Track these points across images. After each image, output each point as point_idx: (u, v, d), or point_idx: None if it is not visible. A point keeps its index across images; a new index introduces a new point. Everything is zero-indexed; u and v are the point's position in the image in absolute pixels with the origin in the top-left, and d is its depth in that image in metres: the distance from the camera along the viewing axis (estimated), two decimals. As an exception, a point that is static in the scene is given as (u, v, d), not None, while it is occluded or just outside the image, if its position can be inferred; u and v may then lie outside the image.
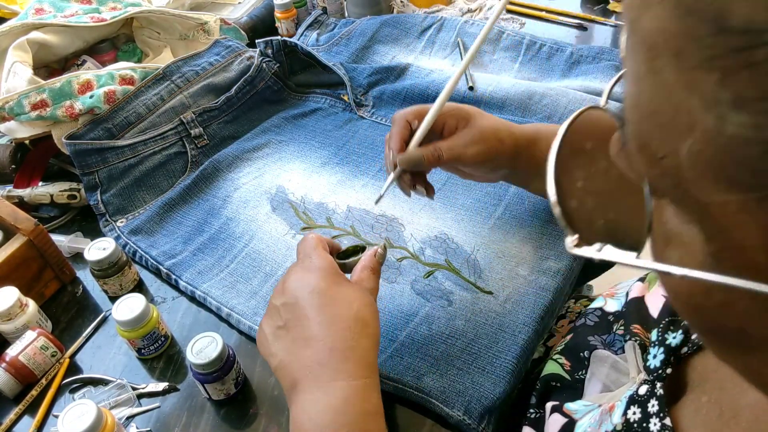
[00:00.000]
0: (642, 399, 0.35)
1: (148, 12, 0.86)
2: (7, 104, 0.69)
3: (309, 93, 0.86)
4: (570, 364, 0.44)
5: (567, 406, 0.40)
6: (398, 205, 0.68)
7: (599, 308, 0.47)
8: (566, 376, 0.43)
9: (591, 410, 0.38)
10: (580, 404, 0.39)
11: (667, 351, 0.36)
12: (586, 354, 0.43)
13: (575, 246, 0.21)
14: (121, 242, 0.67)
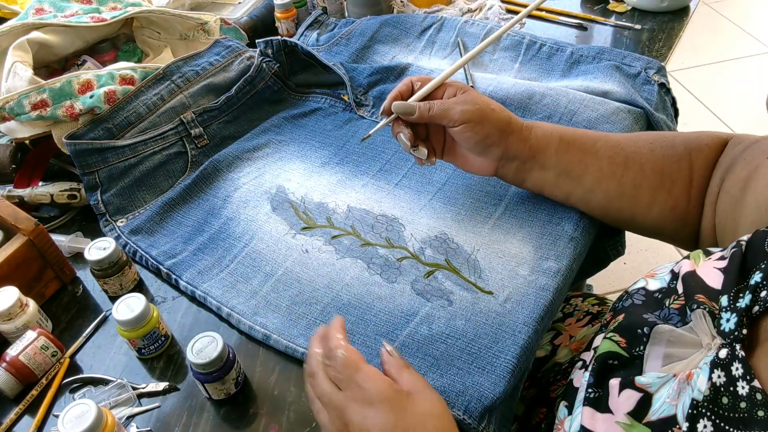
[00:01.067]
0: (724, 362, 0.35)
1: (149, 12, 0.86)
2: (8, 104, 0.69)
3: (309, 93, 0.86)
4: (625, 341, 0.43)
5: (639, 380, 0.39)
6: (398, 205, 0.68)
7: (642, 288, 0.47)
8: (623, 353, 0.42)
9: (666, 381, 0.38)
10: (653, 376, 0.39)
11: (739, 314, 0.36)
12: (643, 330, 0.42)
13: None
14: (121, 242, 0.67)
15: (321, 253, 0.63)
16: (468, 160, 0.63)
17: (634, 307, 0.45)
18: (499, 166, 0.62)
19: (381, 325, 0.56)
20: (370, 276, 0.60)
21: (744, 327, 0.36)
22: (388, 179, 0.72)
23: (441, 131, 0.63)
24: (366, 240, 0.64)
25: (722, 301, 0.39)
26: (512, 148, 0.59)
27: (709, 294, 0.40)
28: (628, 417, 0.38)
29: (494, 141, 0.59)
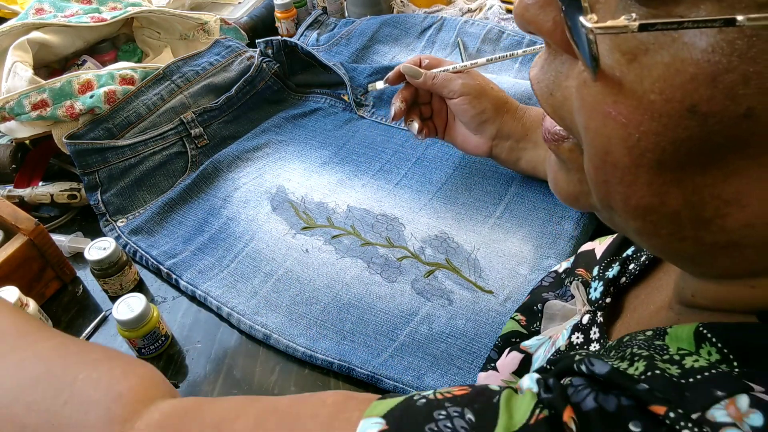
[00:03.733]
0: (585, 327, 0.37)
1: (149, 12, 0.86)
2: (8, 104, 0.69)
3: (309, 93, 0.86)
4: (525, 319, 0.46)
5: (523, 344, 0.42)
6: (398, 204, 0.68)
7: (554, 270, 0.49)
8: (523, 330, 0.45)
9: (543, 343, 0.41)
10: (534, 340, 0.42)
11: (606, 283, 0.38)
12: (538, 307, 0.45)
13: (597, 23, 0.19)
14: (121, 242, 0.67)
15: (321, 252, 0.63)
16: (466, 139, 0.65)
17: (540, 288, 0.48)
18: (494, 144, 0.64)
19: (381, 325, 0.56)
20: (371, 275, 0.60)
21: (608, 296, 0.37)
22: (388, 179, 0.72)
23: (444, 112, 0.67)
24: (366, 239, 0.64)
25: (594, 271, 0.41)
26: (506, 126, 0.62)
27: (591, 267, 0.42)
28: (513, 375, 0.41)
29: (489, 117, 0.62)
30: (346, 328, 0.56)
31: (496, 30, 0.93)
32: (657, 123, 0.19)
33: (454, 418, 0.22)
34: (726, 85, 0.17)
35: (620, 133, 0.21)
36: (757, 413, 0.19)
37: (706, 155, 0.19)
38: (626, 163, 0.21)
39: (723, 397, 0.20)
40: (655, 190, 0.21)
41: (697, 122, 0.19)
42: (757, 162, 0.19)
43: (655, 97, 0.19)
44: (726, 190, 0.20)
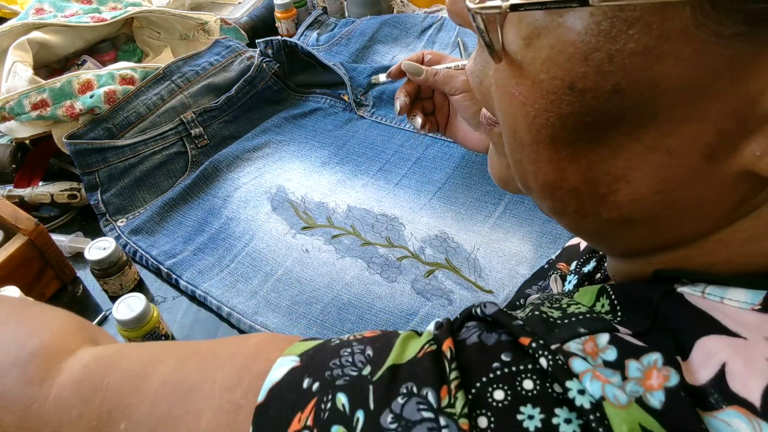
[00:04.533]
0: None
1: (149, 12, 0.86)
2: (8, 104, 0.69)
3: (309, 93, 0.86)
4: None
5: None
6: (398, 204, 0.68)
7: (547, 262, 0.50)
8: None
9: None
10: None
11: (580, 277, 0.38)
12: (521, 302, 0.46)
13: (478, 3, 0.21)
14: (121, 242, 0.67)
15: (321, 252, 0.63)
16: (467, 135, 0.66)
17: (524, 284, 0.48)
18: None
19: (381, 325, 0.56)
20: (371, 275, 0.60)
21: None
22: (388, 179, 0.72)
23: (445, 107, 0.67)
24: (366, 239, 0.64)
25: (572, 265, 0.41)
26: None
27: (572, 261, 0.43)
28: None
29: None
30: (346, 328, 0.56)
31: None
32: (546, 100, 0.21)
33: (355, 354, 0.24)
34: (596, 62, 0.19)
35: (521, 112, 0.23)
36: (613, 349, 0.20)
37: (590, 131, 0.21)
38: (528, 140, 0.23)
39: (585, 333, 0.21)
40: (555, 166, 0.23)
41: (577, 98, 0.20)
42: (634, 137, 0.21)
43: (543, 77, 0.21)
44: (615, 166, 0.22)
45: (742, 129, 0.19)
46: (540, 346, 0.21)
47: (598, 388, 0.19)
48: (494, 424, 0.19)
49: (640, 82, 0.19)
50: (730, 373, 0.19)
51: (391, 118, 0.81)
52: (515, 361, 0.21)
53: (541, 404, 0.19)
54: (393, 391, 0.21)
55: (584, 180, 0.23)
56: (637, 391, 0.19)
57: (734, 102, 0.19)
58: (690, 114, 0.19)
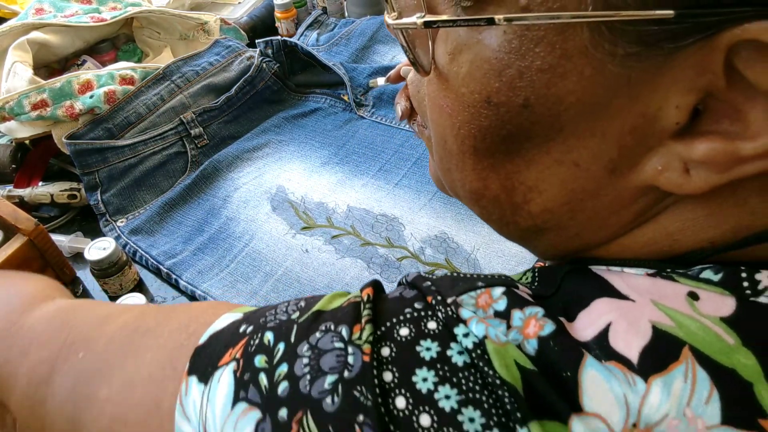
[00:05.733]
0: None
1: (148, 12, 0.86)
2: (8, 104, 0.69)
3: (309, 93, 0.86)
4: None
5: None
6: (398, 204, 0.68)
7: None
8: None
9: None
10: None
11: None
12: None
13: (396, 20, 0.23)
14: (121, 242, 0.67)
15: (321, 252, 0.63)
16: None
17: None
18: None
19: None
20: (370, 276, 0.60)
21: None
22: (388, 179, 0.72)
23: None
24: (366, 240, 0.64)
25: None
26: None
27: None
28: None
29: None
30: None
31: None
32: (467, 113, 0.23)
33: (290, 305, 0.25)
34: (508, 78, 0.21)
35: (449, 123, 0.24)
36: (504, 300, 0.22)
37: (507, 143, 0.23)
38: (455, 149, 0.25)
39: (482, 287, 0.23)
40: (479, 175, 0.25)
41: (493, 112, 0.22)
42: (544, 150, 0.22)
43: (464, 90, 0.22)
44: (528, 177, 0.23)
45: (643, 145, 0.20)
46: (438, 301, 0.22)
47: (482, 329, 0.21)
48: (395, 353, 0.21)
49: (547, 97, 0.20)
50: (613, 333, 0.20)
51: (391, 118, 0.81)
52: (425, 309, 0.23)
53: (439, 340, 0.21)
54: (313, 328, 0.23)
55: (503, 189, 0.25)
56: (517, 339, 0.20)
57: (633, 119, 0.20)
58: (593, 129, 0.21)
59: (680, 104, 0.19)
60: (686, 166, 0.20)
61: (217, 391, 0.22)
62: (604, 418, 0.18)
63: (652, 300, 0.20)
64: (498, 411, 0.19)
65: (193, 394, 0.23)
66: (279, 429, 0.20)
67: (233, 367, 0.23)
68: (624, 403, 0.18)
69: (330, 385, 0.20)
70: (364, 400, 0.19)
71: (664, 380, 0.18)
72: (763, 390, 0.18)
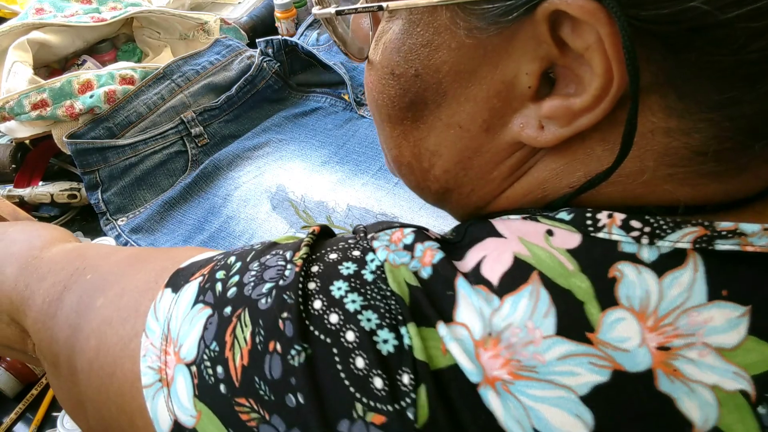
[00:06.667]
0: None
1: (148, 12, 0.86)
2: (8, 104, 0.69)
3: (309, 92, 0.86)
4: None
5: None
6: (398, 203, 0.68)
7: None
8: None
9: None
10: None
11: None
12: None
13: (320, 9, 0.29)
14: (121, 241, 0.67)
15: (321, 251, 0.63)
16: None
17: None
18: None
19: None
20: (371, 274, 0.60)
21: None
22: (388, 178, 0.71)
23: None
24: (366, 238, 0.64)
25: None
26: None
27: None
28: None
29: None
30: None
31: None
32: (380, 84, 0.28)
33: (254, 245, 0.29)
34: (403, 53, 0.26)
35: (372, 96, 0.30)
36: (411, 236, 0.25)
37: (410, 109, 0.28)
38: (378, 119, 0.31)
39: (397, 227, 0.27)
40: (395, 143, 0.30)
41: (396, 81, 0.27)
42: (437, 116, 0.27)
43: (379, 66, 0.28)
44: (430, 142, 0.28)
45: (508, 107, 0.25)
46: (361, 237, 0.27)
47: (383, 255, 0.25)
48: (321, 270, 0.25)
49: (429, 67, 0.25)
50: (485, 263, 0.24)
51: (392, 117, 0.81)
52: (353, 241, 0.27)
53: (358, 263, 0.25)
54: (265, 252, 0.27)
55: (414, 156, 0.30)
56: (416, 266, 0.24)
57: (496, 85, 0.24)
58: (467, 94, 0.25)
59: (529, 71, 0.23)
60: (540, 123, 0.24)
61: (183, 295, 0.27)
62: (468, 327, 0.22)
63: (519, 237, 0.24)
64: (389, 315, 0.23)
65: (164, 299, 0.27)
66: (223, 321, 0.25)
67: (200, 280, 0.27)
68: (482, 316, 0.22)
69: (267, 290, 0.24)
70: (288, 300, 0.24)
71: (513, 298, 0.22)
72: (593, 308, 0.21)
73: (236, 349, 0.24)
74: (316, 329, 0.23)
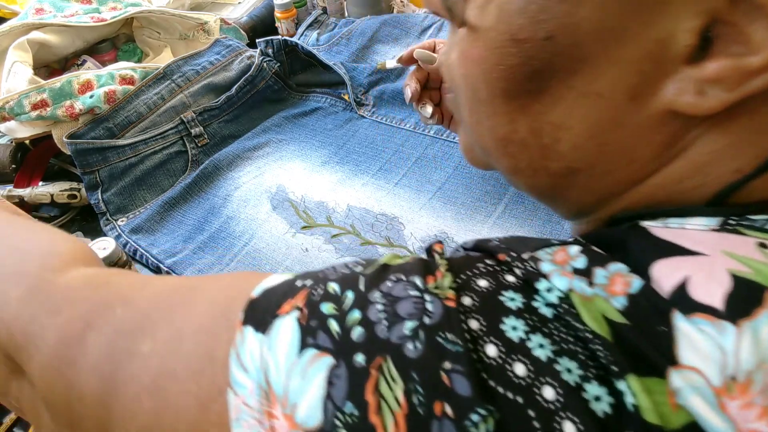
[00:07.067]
0: None
1: (148, 12, 0.86)
2: (8, 104, 0.69)
3: (309, 92, 0.87)
4: None
5: None
6: (398, 204, 0.68)
7: None
8: None
9: None
10: None
11: None
12: None
13: None
14: (121, 241, 0.67)
15: (321, 252, 0.63)
16: None
17: None
18: None
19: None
20: (371, 275, 0.60)
21: None
22: (388, 178, 0.72)
23: None
24: (366, 239, 0.64)
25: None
26: None
27: None
28: None
29: None
30: None
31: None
32: (496, 54, 0.24)
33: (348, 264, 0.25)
34: (530, 13, 0.22)
35: (479, 70, 0.26)
36: (583, 257, 0.21)
37: (534, 81, 0.24)
38: (486, 96, 0.26)
39: (557, 244, 0.23)
40: (508, 118, 0.26)
41: (519, 49, 0.23)
42: (568, 85, 0.23)
43: (493, 34, 0.24)
44: (555, 115, 0.24)
45: (660, 70, 0.21)
46: (514, 258, 0.22)
47: (565, 283, 0.20)
48: (478, 302, 0.20)
49: (566, 27, 0.22)
50: (692, 285, 0.19)
51: (392, 117, 0.81)
52: (498, 265, 0.22)
53: (522, 292, 0.20)
54: (382, 278, 0.22)
55: (531, 131, 0.26)
56: (602, 295, 0.20)
57: (648, 44, 0.21)
58: (612, 57, 0.22)
59: (689, 28, 0.20)
60: (700, 87, 0.21)
61: (279, 338, 0.21)
62: (700, 371, 0.17)
63: (724, 251, 0.20)
64: (593, 363, 0.18)
65: (249, 343, 0.22)
66: (356, 374, 0.19)
67: (296, 315, 0.22)
68: (717, 353, 0.17)
69: (410, 331, 0.19)
70: (450, 346, 0.19)
71: (752, 325, 0.17)
72: None
73: (386, 414, 0.18)
74: (499, 385, 0.18)
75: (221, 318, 0.24)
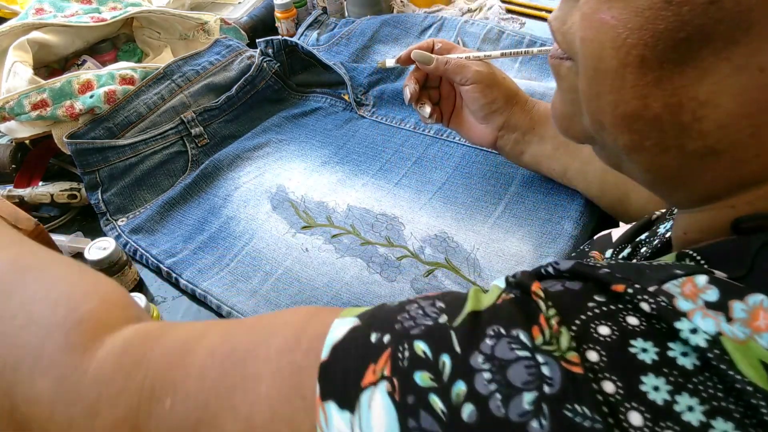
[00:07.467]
0: None
1: (148, 12, 0.86)
2: (8, 104, 0.69)
3: (309, 92, 0.87)
4: None
5: None
6: (398, 203, 0.68)
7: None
8: None
9: None
10: None
11: None
12: None
13: None
14: (121, 241, 0.67)
15: (321, 252, 0.63)
16: (471, 128, 0.65)
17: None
18: (500, 135, 0.63)
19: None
20: (370, 275, 0.60)
21: None
22: (388, 178, 0.72)
23: (452, 98, 0.66)
24: (366, 239, 0.64)
25: (607, 253, 0.40)
26: (514, 118, 0.62)
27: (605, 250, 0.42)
28: None
29: (499, 107, 0.61)
30: None
31: (496, 30, 0.93)
32: (640, 17, 0.21)
33: (425, 308, 0.22)
34: None
35: (611, 36, 0.23)
36: (714, 289, 0.19)
37: (681, 50, 0.21)
38: (614, 66, 0.23)
39: (681, 275, 0.20)
40: (639, 92, 0.23)
41: (672, 12, 0.21)
42: (724, 56, 0.20)
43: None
44: (701, 90, 0.21)
45: None
46: (637, 290, 0.19)
47: (712, 325, 0.17)
48: (606, 357, 0.17)
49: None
50: None
51: (392, 117, 0.81)
52: (611, 301, 0.19)
53: (653, 338, 0.18)
54: (479, 334, 0.19)
55: (667, 108, 0.22)
56: (745, 332, 0.17)
57: None
58: None
59: None
60: None
61: (372, 419, 0.19)
62: None
63: None
64: (752, 421, 0.16)
65: (336, 424, 0.19)
66: None
67: (385, 387, 0.19)
68: None
69: (530, 405, 0.17)
70: (584, 420, 0.16)
71: None
72: None
73: None
74: None
75: (295, 397, 0.21)
